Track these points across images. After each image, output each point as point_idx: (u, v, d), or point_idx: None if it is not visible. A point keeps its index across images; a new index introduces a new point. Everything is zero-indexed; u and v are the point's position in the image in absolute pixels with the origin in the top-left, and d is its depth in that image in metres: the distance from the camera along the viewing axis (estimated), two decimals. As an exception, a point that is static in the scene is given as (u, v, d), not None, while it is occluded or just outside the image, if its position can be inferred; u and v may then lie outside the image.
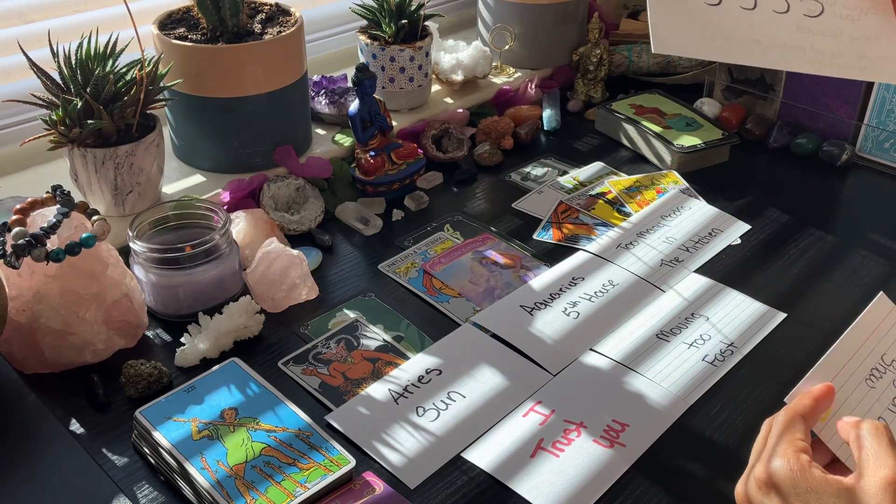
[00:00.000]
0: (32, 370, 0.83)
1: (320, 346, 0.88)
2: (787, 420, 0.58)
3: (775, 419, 0.60)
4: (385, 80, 1.24)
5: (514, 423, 0.80)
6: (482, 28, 1.45)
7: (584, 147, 1.30)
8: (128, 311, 0.85)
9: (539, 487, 0.73)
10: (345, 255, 1.03)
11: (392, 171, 1.12)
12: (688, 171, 1.22)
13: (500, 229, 1.09)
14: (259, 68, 1.04)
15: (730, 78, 1.38)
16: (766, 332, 0.92)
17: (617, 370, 0.86)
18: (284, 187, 1.07)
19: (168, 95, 1.04)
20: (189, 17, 1.10)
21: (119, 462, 0.75)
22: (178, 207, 0.94)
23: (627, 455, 0.77)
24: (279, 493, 0.69)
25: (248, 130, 1.08)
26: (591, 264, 1.02)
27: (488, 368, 0.86)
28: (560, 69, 1.45)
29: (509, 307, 0.94)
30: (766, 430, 0.60)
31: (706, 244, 1.06)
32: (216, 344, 0.86)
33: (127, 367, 0.81)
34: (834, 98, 1.27)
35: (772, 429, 0.59)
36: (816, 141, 1.27)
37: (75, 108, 0.90)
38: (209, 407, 0.76)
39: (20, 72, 1.07)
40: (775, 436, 0.58)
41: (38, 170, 1.09)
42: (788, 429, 0.57)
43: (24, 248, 0.74)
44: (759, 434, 0.61)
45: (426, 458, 0.76)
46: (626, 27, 1.53)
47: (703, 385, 0.85)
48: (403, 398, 0.82)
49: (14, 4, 1.09)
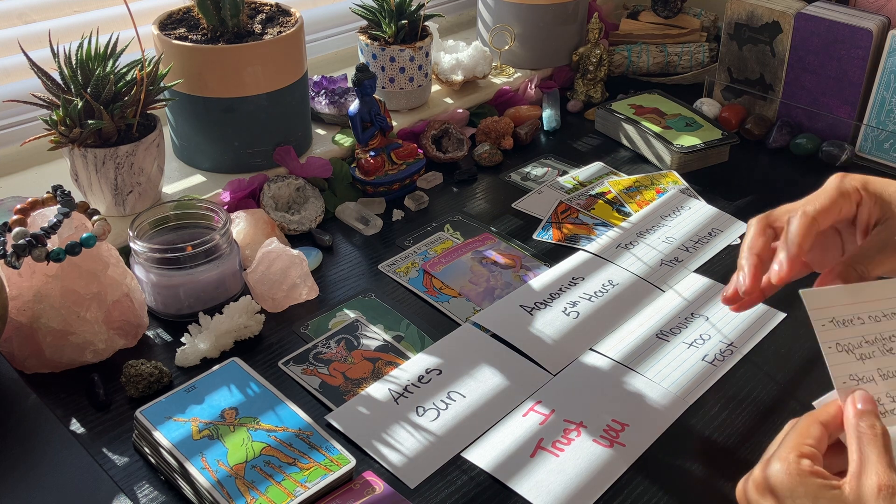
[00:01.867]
0: (33, 370, 0.83)
1: (320, 346, 0.88)
2: (802, 424, 0.57)
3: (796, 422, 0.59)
4: (385, 81, 1.24)
5: (514, 423, 0.80)
6: (482, 28, 1.45)
7: (584, 147, 1.30)
8: (128, 310, 0.85)
9: (539, 487, 0.73)
10: (345, 255, 1.03)
11: (392, 171, 1.13)
12: (687, 171, 1.22)
13: (500, 229, 1.09)
14: (259, 68, 1.04)
15: (729, 78, 1.38)
16: (765, 332, 0.92)
17: (617, 370, 0.86)
18: (285, 187, 1.07)
19: (168, 96, 1.04)
20: (189, 18, 1.10)
21: (119, 462, 0.75)
22: (178, 207, 0.94)
23: (627, 455, 0.77)
24: (279, 492, 0.69)
25: (248, 130, 1.08)
26: (591, 264, 1.02)
27: (488, 368, 0.86)
28: (560, 69, 1.45)
29: (509, 307, 0.94)
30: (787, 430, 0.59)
31: (706, 244, 1.06)
32: (216, 344, 0.86)
33: (127, 367, 0.81)
34: (833, 98, 1.27)
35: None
36: (816, 141, 1.27)
37: (76, 108, 0.91)
38: (209, 407, 0.76)
39: (20, 72, 1.07)
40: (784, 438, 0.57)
41: (38, 170, 1.09)
42: (799, 432, 0.56)
43: (25, 248, 0.74)
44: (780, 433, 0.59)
45: (426, 457, 0.76)
46: (626, 27, 1.53)
47: (702, 385, 0.85)
48: (403, 398, 0.82)
49: (14, 4, 1.09)
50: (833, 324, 0.59)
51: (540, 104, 1.38)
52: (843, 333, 0.60)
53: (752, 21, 1.31)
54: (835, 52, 1.24)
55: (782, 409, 0.83)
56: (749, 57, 1.34)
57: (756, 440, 0.79)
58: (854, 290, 0.60)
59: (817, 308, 0.59)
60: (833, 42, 1.23)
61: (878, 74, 1.21)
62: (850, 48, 1.22)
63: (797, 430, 0.57)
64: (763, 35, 1.31)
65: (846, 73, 1.24)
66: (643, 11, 1.56)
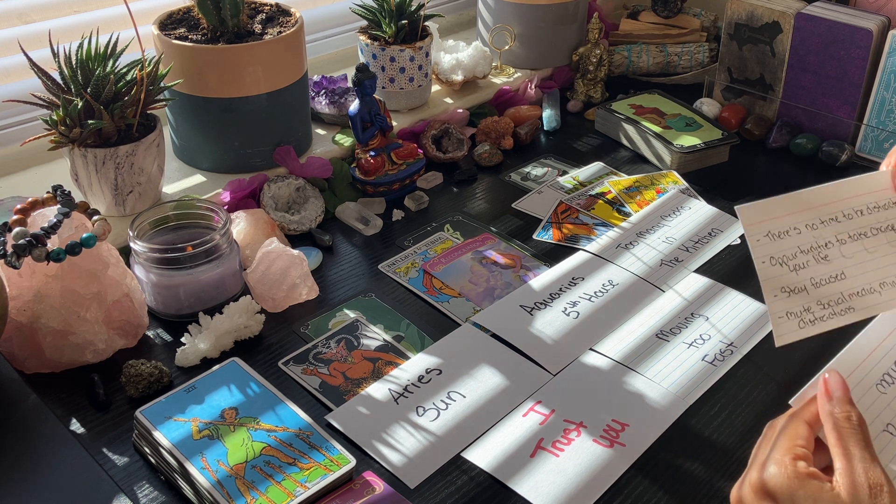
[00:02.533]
0: (33, 370, 0.83)
1: (320, 346, 0.88)
2: (788, 425, 0.57)
3: (778, 423, 0.59)
4: (385, 81, 1.24)
5: (514, 423, 0.80)
6: (482, 28, 1.45)
7: (584, 147, 1.30)
8: (128, 310, 0.85)
9: (539, 487, 0.73)
10: (345, 255, 1.03)
11: (392, 171, 1.13)
12: (687, 171, 1.22)
13: (500, 229, 1.09)
14: (259, 68, 1.04)
15: (729, 78, 1.38)
16: (765, 332, 0.92)
17: (617, 370, 0.86)
18: (285, 187, 1.07)
19: (168, 95, 1.04)
20: (189, 18, 1.10)
21: (119, 462, 0.75)
22: (178, 207, 0.94)
23: (627, 455, 0.77)
24: (279, 492, 0.69)
25: (248, 130, 1.08)
26: (591, 264, 1.02)
27: (488, 368, 0.86)
28: (560, 69, 1.45)
29: (509, 307, 0.94)
30: (767, 432, 0.59)
31: (706, 244, 1.06)
32: (216, 344, 0.86)
33: (127, 367, 0.81)
34: (833, 98, 1.27)
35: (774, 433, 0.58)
36: (816, 141, 1.27)
37: (76, 108, 0.91)
38: (209, 407, 0.76)
39: (20, 72, 1.07)
40: (774, 441, 0.57)
41: (38, 170, 1.09)
42: (788, 434, 0.56)
43: (25, 248, 0.74)
44: (761, 437, 0.60)
45: (426, 457, 0.76)
46: (626, 27, 1.53)
47: (702, 385, 0.85)
48: (403, 398, 0.82)
49: (14, 4, 1.09)
50: (769, 238, 0.60)
51: (540, 104, 1.38)
52: (778, 246, 0.60)
53: (752, 21, 1.31)
54: (835, 52, 1.24)
55: (782, 409, 0.82)
56: (749, 57, 1.34)
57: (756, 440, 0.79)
58: (793, 198, 0.61)
59: (754, 223, 0.60)
60: (833, 42, 1.23)
61: (878, 74, 1.21)
62: (850, 48, 1.22)
63: (787, 433, 0.57)
64: (763, 35, 1.31)
65: (846, 73, 1.24)
66: (643, 11, 1.56)
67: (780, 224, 0.61)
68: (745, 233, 0.60)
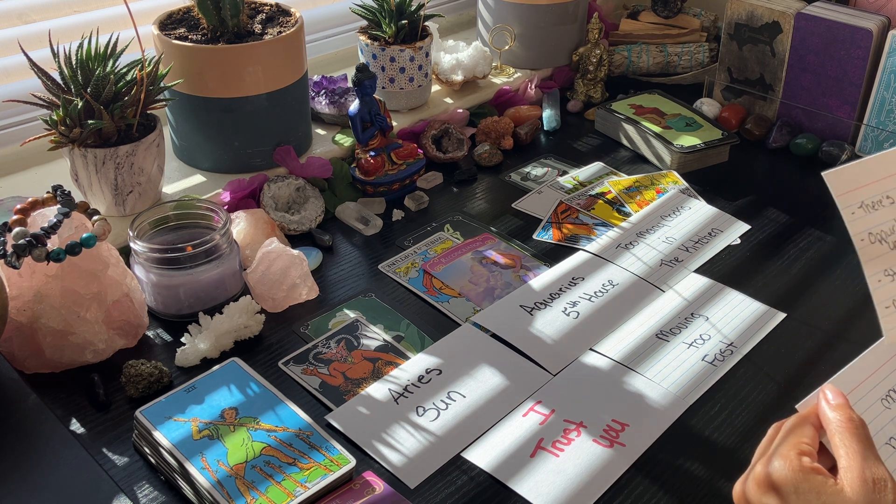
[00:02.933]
0: (33, 370, 0.83)
1: (320, 346, 0.88)
2: (794, 423, 0.58)
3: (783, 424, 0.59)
4: (385, 81, 1.24)
5: (514, 423, 0.80)
6: (482, 28, 1.45)
7: (584, 147, 1.30)
8: (128, 310, 0.85)
9: (539, 487, 0.73)
10: (345, 255, 1.03)
11: (392, 171, 1.13)
12: (687, 171, 1.22)
13: (500, 229, 1.09)
14: (259, 68, 1.04)
15: (729, 78, 1.38)
16: (765, 332, 0.92)
17: (617, 370, 0.86)
18: (285, 187, 1.07)
19: (168, 96, 1.04)
20: (189, 18, 1.10)
21: (119, 462, 0.75)
22: (178, 207, 0.94)
23: (627, 455, 0.77)
24: (279, 492, 0.69)
25: (248, 130, 1.08)
26: (591, 264, 1.02)
27: (488, 368, 0.86)
28: (560, 69, 1.45)
29: (509, 307, 0.94)
30: (772, 433, 0.60)
31: (706, 244, 1.06)
32: (216, 344, 0.86)
33: (127, 367, 0.81)
34: (833, 98, 1.27)
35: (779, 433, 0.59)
36: (816, 141, 1.27)
37: (76, 108, 0.91)
38: (209, 407, 0.76)
39: (20, 72, 1.07)
40: (780, 438, 0.57)
41: (38, 170, 1.09)
42: (794, 432, 0.57)
43: (25, 248, 0.74)
44: (765, 437, 0.60)
45: (426, 457, 0.76)
46: (626, 27, 1.53)
47: (702, 385, 0.85)
48: (403, 398, 0.82)
49: (14, 4, 1.09)
50: (863, 210, 0.53)
51: (540, 104, 1.38)
52: (874, 220, 0.53)
53: (752, 21, 1.31)
54: (835, 52, 1.24)
55: (782, 409, 0.83)
56: (749, 57, 1.34)
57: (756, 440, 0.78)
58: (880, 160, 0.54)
59: (845, 192, 0.53)
60: (833, 42, 1.23)
61: (878, 74, 1.21)
62: (850, 48, 1.22)
63: (793, 431, 0.57)
64: (763, 35, 1.31)
65: (846, 73, 1.24)
66: (643, 11, 1.56)
67: (871, 192, 0.54)
68: (838, 205, 0.53)
